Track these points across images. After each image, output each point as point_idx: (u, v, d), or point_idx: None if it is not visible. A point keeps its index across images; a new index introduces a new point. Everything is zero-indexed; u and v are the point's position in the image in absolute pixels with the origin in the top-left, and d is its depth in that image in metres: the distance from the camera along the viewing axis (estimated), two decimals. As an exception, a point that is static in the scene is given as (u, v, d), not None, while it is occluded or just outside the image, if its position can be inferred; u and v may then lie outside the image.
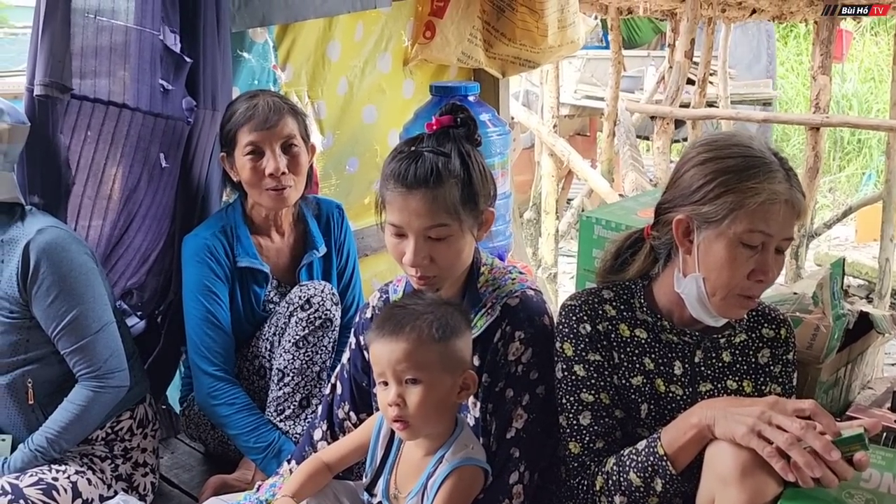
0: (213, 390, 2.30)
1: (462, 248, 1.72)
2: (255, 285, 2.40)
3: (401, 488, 1.69)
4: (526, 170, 9.59)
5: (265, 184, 2.28)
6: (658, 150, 6.87)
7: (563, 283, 8.41)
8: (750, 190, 1.53)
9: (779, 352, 1.74)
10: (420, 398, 1.56)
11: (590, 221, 2.50)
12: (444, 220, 1.67)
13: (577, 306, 1.72)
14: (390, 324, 1.59)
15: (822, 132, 6.59)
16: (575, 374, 1.68)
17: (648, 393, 1.69)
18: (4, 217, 2.03)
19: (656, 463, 1.55)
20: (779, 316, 1.77)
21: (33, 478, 1.99)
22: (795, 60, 14.47)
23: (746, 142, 1.61)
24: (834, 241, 10.00)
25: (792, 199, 1.55)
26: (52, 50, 2.15)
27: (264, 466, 2.24)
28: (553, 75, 8.75)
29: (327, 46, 3.02)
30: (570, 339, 1.70)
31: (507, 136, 3.26)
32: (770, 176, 1.54)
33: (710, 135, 1.77)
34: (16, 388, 2.04)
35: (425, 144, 1.71)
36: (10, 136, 2.00)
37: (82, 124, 2.27)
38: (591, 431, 1.66)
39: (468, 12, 3.33)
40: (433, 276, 1.72)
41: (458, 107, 1.77)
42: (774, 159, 1.58)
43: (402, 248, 1.70)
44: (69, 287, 2.01)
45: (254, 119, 2.26)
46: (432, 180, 1.65)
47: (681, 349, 1.71)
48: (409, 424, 1.58)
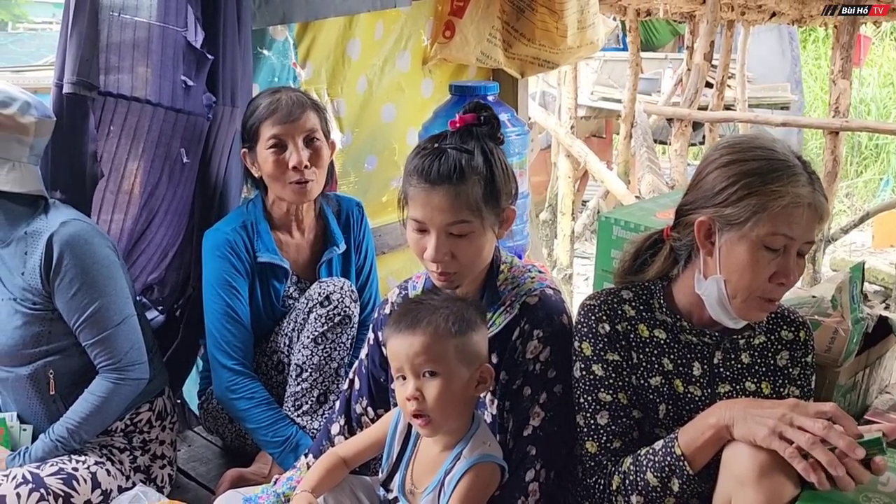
0: (232, 384, 2.31)
1: (483, 245, 1.73)
2: (275, 281, 2.42)
3: (417, 484, 1.70)
4: (542, 171, 9.59)
5: (288, 177, 2.30)
6: (675, 152, 6.86)
7: (578, 285, 8.40)
8: (773, 193, 1.53)
9: (797, 354, 1.73)
10: (438, 391, 1.57)
11: (609, 222, 2.50)
12: (466, 216, 1.68)
13: (597, 306, 1.72)
14: (407, 318, 1.61)
15: (842, 136, 6.56)
16: (593, 374, 1.69)
17: (667, 393, 1.69)
18: (28, 209, 2.05)
19: (673, 463, 1.55)
20: (798, 318, 1.77)
21: (54, 468, 2.01)
22: (814, 64, 14.40)
23: (770, 144, 1.61)
24: (851, 247, 9.94)
25: (815, 203, 1.55)
26: (81, 48, 2.18)
27: (281, 461, 2.26)
28: (571, 76, 8.74)
29: (348, 44, 3.03)
30: (589, 339, 1.70)
31: (526, 136, 3.27)
32: (793, 179, 1.54)
33: (732, 137, 1.77)
34: (38, 378, 2.07)
35: (449, 141, 1.72)
36: (36, 130, 2.02)
37: (105, 119, 2.29)
38: (608, 431, 1.66)
39: (488, 12, 3.34)
40: (454, 273, 1.72)
41: (481, 105, 1.78)
42: (798, 162, 1.58)
43: (424, 244, 1.71)
44: (91, 279, 2.03)
45: (277, 113, 2.27)
46: (455, 177, 1.66)
47: (700, 350, 1.71)
48: (430, 419, 1.59)
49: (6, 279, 2.04)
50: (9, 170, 1.98)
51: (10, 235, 2.04)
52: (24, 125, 1.98)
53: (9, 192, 1.99)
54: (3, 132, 1.96)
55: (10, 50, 8.90)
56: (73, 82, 2.19)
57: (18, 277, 2.02)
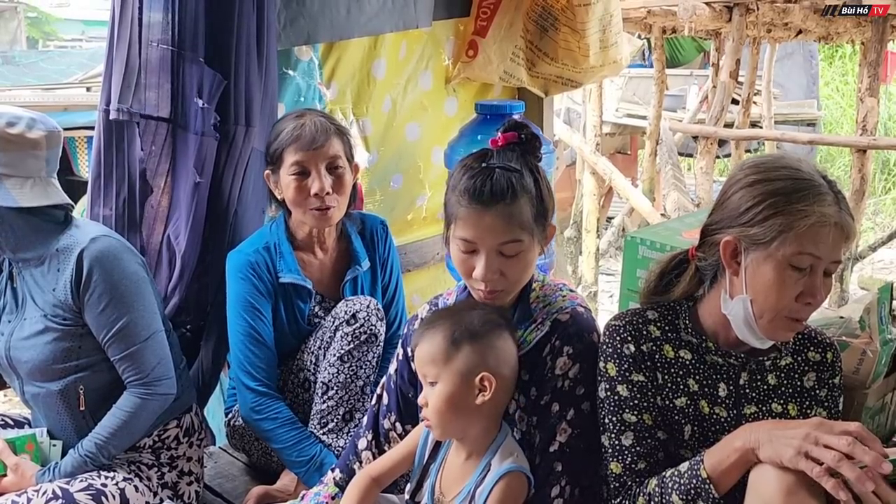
0: (257, 405, 2.33)
1: (531, 262, 1.75)
2: (299, 300, 2.43)
3: (445, 493, 1.72)
4: (566, 187, 9.59)
5: (309, 203, 2.32)
6: (701, 170, 6.83)
7: (603, 302, 8.37)
8: (799, 212, 1.53)
9: (825, 376, 1.71)
10: (436, 399, 1.65)
11: (634, 242, 2.50)
12: (518, 235, 1.69)
13: (622, 326, 1.72)
14: (422, 327, 1.70)
15: (869, 154, 6.51)
16: (618, 394, 1.68)
17: (692, 414, 1.68)
18: (55, 225, 2.09)
19: (699, 486, 1.54)
20: (825, 339, 1.75)
21: (83, 483, 2.03)
22: (841, 81, 14.30)
23: (795, 164, 1.61)
24: (878, 265, 9.83)
25: (841, 222, 1.55)
26: (123, 74, 2.29)
27: (307, 479, 2.27)
28: (596, 93, 8.76)
29: (373, 64, 3.06)
30: (614, 359, 1.70)
31: (552, 154, 3.28)
32: (819, 198, 1.54)
33: (757, 156, 1.77)
34: (68, 394, 2.10)
35: (494, 160, 1.73)
36: (47, 143, 2.06)
37: (147, 141, 2.39)
38: (633, 452, 1.66)
39: (511, 31, 3.36)
40: (500, 290, 1.74)
41: (519, 124, 1.79)
42: (823, 182, 1.57)
43: (472, 263, 1.72)
44: (120, 295, 2.06)
45: (301, 139, 2.29)
46: (509, 196, 1.68)
47: (725, 371, 1.70)
48: (431, 425, 1.68)
49: (38, 297, 2.08)
50: (31, 185, 2.02)
51: (43, 253, 2.07)
52: (35, 140, 2.02)
53: (35, 208, 2.03)
54: (17, 150, 2.00)
55: (40, 67, 9.05)
56: (117, 109, 2.31)
57: (50, 294, 2.06)
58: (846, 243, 1.58)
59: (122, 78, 2.27)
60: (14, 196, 1.99)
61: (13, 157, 1.99)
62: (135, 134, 2.33)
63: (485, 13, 3.30)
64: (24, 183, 2.01)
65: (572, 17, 3.35)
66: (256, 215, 2.64)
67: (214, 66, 2.39)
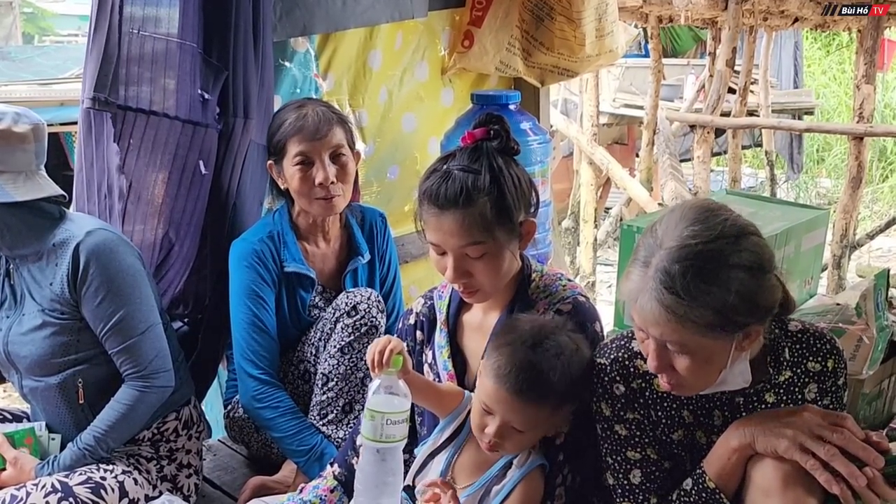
0: (258, 394, 2.33)
1: (500, 263, 1.74)
2: (301, 290, 2.43)
3: (457, 479, 1.72)
4: (564, 178, 9.58)
5: (315, 193, 2.32)
6: (698, 159, 6.82)
7: (601, 292, 8.37)
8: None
9: (826, 384, 1.58)
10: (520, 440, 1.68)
11: (631, 230, 2.50)
12: (477, 238, 1.69)
13: (608, 366, 1.66)
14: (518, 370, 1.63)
15: (866, 142, 6.51)
16: (616, 434, 1.65)
17: (689, 446, 1.64)
18: (49, 220, 2.09)
19: (709, 498, 1.53)
20: (825, 346, 1.59)
21: (82, 476, 2.03)
22: (838, 69, 14.28)
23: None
24: (876, 253, 9.84)
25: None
26: (99, 64, 2.24)
27: (307, 469, 2.27)
28: (593, 84, 8.74)
29: (369, 55, 3.05)
30: (606, 400, 1.66)
31: (548, 144, 3.27)
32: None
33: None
34: (66, 388, 2.10)
35: (456, 162, 1.72)
36: (34, 136, 2.05)
37: (126, 133, 2.34)
38: (643, 489, 1.63)
39: (506, 21, 3.35)
40: (477, 290, 1.75)
41: (492, 117, 1.77)
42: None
43: (444, 264, 1.73)
44: (116, 288, 2.06)
45: (304, 130, 2.29)
46: (462, 200, 1.67)
47: (718, 398, 1.61)
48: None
49: (35, 292, 2.08)
50: (24, 180, 2.02)
51: (40, 249, 2.07)
52: (22, 134, 2.02)
53: (28, 203, 2.02)
54: (6, 145, 1.99)
55: (36, 63, 9.01)
56: (91, 97, 2.24)
57: (47, 289, 2.06)
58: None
59: (100, 67, 2.23)
60: (8, 191, 1.99)
61: (3, 153, 1.99)
62: (111, 125, 2.29)
63: (480, 3, 3.29)
64: (16, 178, 2.01)
65: (568, 7, 3.34)
66: (255, 207, 2.64)
67: (212, 57, 2.39)
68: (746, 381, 1.53)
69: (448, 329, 1.89)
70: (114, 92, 2.29)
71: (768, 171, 11.61)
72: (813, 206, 3.38)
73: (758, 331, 1.47)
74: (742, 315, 1.41)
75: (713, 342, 1.43)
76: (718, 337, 1.42)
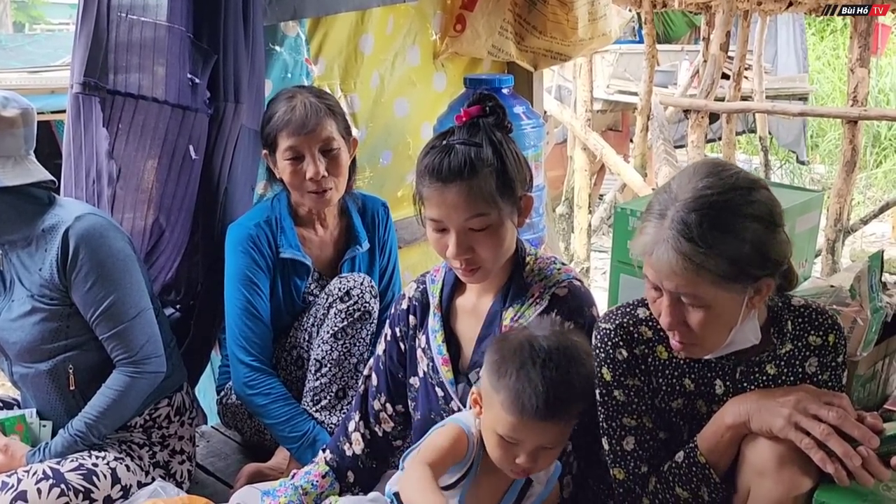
0: (250, 380, 2.32)
1: (504, 235, 1.73)
2: (297, 277, 2.42)
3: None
4: (558, 165, 9.56)
5: (306, 186, 2.31)
6: (692, 143, 6.81)
7: (596, 279, 8.37)
8: None
9: (827, 359, 1.60)
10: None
11: (624, 213, 2.49)
12: (482, 209, 1.68)
13: (612, 330, 1.66)
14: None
15: (860, 126, 6.50)
16: (615, 399, 1.65)
17: (689, 415, 1.64)
18: (38, 206, 2.07)
19: (699, 472, 1.54)
20: (827, 321, 1.62)
21: (74, 463, 2.03)
22: (832, 55, 14.26)
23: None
24: (870, 238, 9.85)
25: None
26: (88, 49, 2.22)
27: (299, 456, 2.26)
28: (586, 69, 8.71)
29: (360, 39, 3.03)
30: (608, 364, 1.65)
31: (541, 128, 3.25)
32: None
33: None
34: (57, 374, 2.09)
35: (456, 137, 1.72)
36: (23, 121, 2.03)
37: (115, 118, 2.32)
38: (635, 456, 1.64)
39: (499, 5, 3.33)
40: (478, 267, 1.73)
41: (486, 96, 1.77)
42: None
43: (445, 242, 1.72)
44: (106, 273, 2.04)
45: (292, 123, 2.27)
46: (466, 171, 1.67)
47: (720, 367, 1.63)
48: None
49: (25, 278, 2.06)
50: (13, 165, 2.00)
51: (29, 235, 2.05)
52: (10, 118, 1.99)
53: (17, 189, 2.00)
54: None
55: (27, 51, 8.95)
56: (81, 82, 2.22)
57: (36, 275, 2.04)
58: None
59: (89, 52, 2.21)
60: None
61: None
62: (100, 110, 2.27)
63: (472, -14, 3.27)
64: (4, 163, 1.99)
65: (560, -10, 3.32)
66: (246, 192, 2.62)
67: (202, 42, 2.37)
68: (757, 337, 1.55)
69: (441, 313, 1.88)
70: (103, 76, 2.27)
71: (762, 156, 11.60)
72: (808, 189, 3.38)
73: (769, 285, 1.49)
74: (755, 266, 1.44)
75: (726, 295, 1.46)
76: (732, 289, 1.45)
